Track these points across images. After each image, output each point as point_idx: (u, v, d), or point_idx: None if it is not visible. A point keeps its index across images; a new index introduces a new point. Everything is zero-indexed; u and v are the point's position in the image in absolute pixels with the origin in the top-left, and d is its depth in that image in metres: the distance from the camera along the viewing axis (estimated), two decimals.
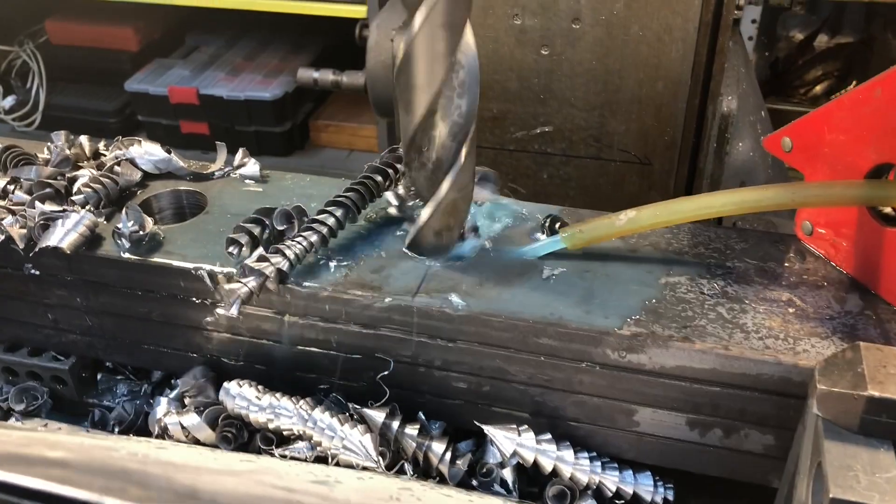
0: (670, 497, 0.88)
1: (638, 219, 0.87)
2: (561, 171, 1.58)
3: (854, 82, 2.88)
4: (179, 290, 0.94)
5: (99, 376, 1.09)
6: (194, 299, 0.94)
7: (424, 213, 0.88)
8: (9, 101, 3.24)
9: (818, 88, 2.84)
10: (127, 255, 0.93)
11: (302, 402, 0.89)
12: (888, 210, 0.84)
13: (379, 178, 0.99)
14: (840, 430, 0.69)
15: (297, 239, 0.89)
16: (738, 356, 0.79)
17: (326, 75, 1.99)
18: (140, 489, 0.63)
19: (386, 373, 0.90)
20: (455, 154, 0.84)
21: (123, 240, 0.93)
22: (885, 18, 2.92)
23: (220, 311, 0.90)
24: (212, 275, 0.91)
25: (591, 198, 1.59)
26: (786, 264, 0.90)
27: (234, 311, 0.84)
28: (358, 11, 2.69)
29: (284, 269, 0.87)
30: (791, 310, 0.84)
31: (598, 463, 0.88)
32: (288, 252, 0.87)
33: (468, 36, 0.81)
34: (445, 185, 0.85)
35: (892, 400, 0.66)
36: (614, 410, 0.86)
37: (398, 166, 1.01)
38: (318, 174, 1.11)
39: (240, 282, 0.85)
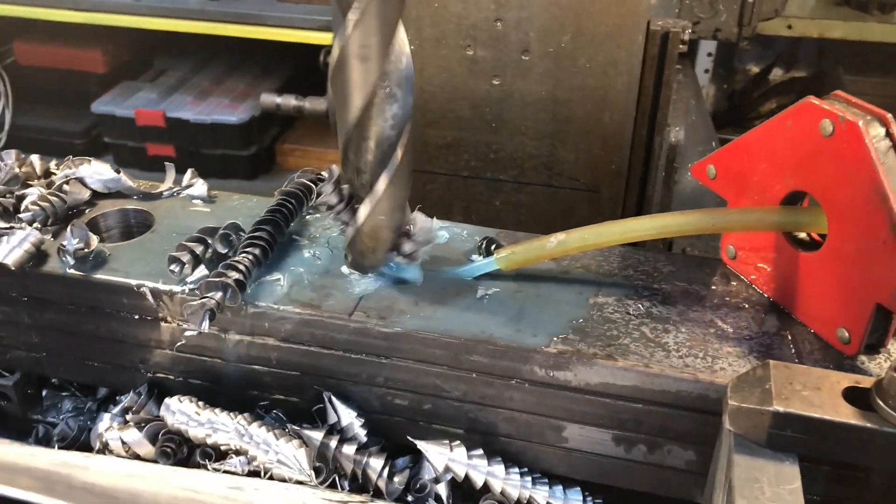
0: None
1: (567, 241, 0.90)
2: (513, 198, 1.62)
3: None
4: (123, 307, 0.95)
5: (44, 392, 1.10)
6: (138, 316, 0.95)
7: (359, 218, 0.87)
8: None
9: None
10: (71, 272, 0.95)
11: (240, 417, 0.91)
12: (802, 235, 0.88)
13: (300, 194, 1.03)
14: (749, 445, 0.72)
15: (242, 255, 0.92)
16: (659, 373, 0.82)
17: (289, 101, 2.02)
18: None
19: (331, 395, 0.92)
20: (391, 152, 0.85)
21: (68, 256, 0.95)
22: (836, 54, 3.02)
23: (188, 331, 0.92)
24: (155, 292, 0.93)
25: (543, 224, 1.62)
26: (710, 287, 0.94)
27: (205, 327, 0.86)
28: (325, 38, 2.73)
29: (243, 280, 0.89)
30: (712, 330, 0.87)
31: (529, 478, 0.90)
32: (240, 266, 0.90)
33: (401, 34, 0.81)
34: (382, 183, 0.85)
35: (796, 415, 0.70)
36: (544, 427, 0.89)
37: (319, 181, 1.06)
38: None
39: (204, 297, 0.87)
